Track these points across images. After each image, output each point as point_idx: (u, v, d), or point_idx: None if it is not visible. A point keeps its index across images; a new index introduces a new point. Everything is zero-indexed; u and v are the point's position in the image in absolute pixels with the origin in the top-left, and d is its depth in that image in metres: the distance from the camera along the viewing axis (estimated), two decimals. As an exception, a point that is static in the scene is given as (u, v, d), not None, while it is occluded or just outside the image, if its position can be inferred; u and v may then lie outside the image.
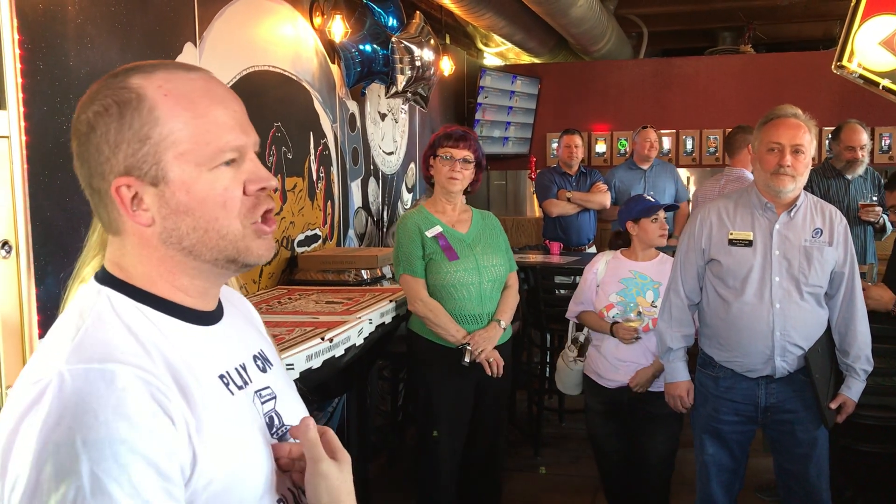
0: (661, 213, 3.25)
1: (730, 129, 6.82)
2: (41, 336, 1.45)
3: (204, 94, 0.93)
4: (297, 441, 0.99)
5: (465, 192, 3.21)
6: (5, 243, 1.43)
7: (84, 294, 0.94)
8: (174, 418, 0.85)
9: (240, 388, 0.98)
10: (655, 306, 3.15)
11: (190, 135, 0.90)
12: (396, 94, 4.52)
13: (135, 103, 0.89)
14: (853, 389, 2.69)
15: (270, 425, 1.01)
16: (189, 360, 0.92)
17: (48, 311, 1.70)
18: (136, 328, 0.90)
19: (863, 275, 3.17)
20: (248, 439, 0.96)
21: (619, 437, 3.31)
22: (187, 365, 0.91)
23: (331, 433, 1.02)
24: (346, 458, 1.00)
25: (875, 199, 4.41)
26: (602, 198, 5.44)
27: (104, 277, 0.94)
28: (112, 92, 0.89)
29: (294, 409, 1.08)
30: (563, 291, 4.67)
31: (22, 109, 1.48)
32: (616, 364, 3.22)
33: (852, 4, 4.00)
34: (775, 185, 2.60)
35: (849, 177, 4.40)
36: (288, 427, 1.04)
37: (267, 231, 0.96)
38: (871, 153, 6.31)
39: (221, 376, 0.96)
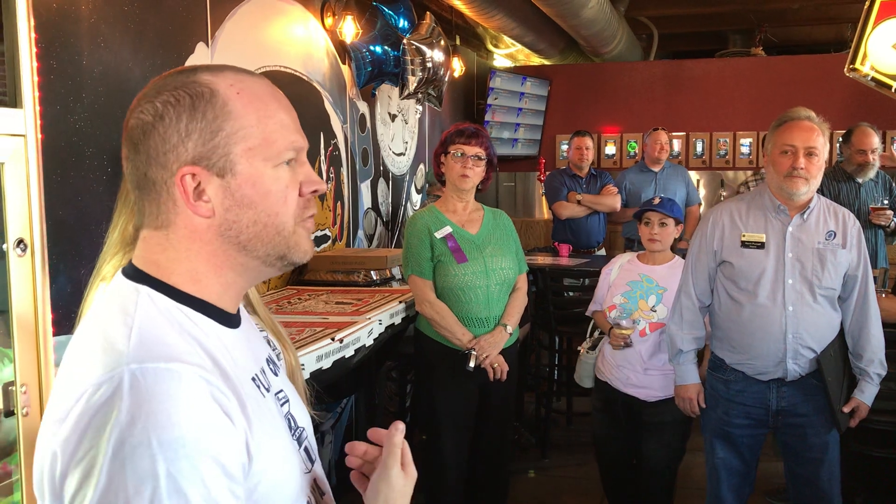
0: (656, 218, 3.22)
1: (740, 132, 6.86)
2: (55, 334, 1.45)
3: (271, 97, 0.96)
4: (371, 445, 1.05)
5: (476, 190, 3.20)
6: (20, 241, 1.43)
7: (120, 291, 0.92)
8: (233, 419, 0.85)
9: (267, 390, 0.99)
10: (654, 311, 3.15)
11: (259, 132, 0.93)
12: (409, 96, 4.52)
13: (208, 96, 0.91)
14: (866, 393, 2.68)
15: (289, 427, 1.02)
16: (231, 362, 0.92)
17: (61, 309, 1.70)
18: (185, 328, 0.89)
19: (874, 279, 3.16)
20: (284, 441, 0.97)
21: (620, 438, 3.31)
22: (231, 366, 0.92)
23: (407, 446, 1.04)
24: (413, 473, 1.04)
25: (886, 202, 4.39)
26: (612, 200, 5.42)
27: (137, 275, 0.93)
28: (182, 85, 0.91)
29: (301, 411, 1.09)
30: (571, 294, 4.67)
31: (37, 108, 1.49)
32: (612, 363, 3.24)
33: (865, 7, 3.98)
34: (788, 188, 2.59)
35: (860, 180, 4.38)
36: (302, 429, 1.05)
37: (311, 230, 1.00)
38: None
39: (253, 378, 0.97)
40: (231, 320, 0.97)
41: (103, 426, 0.78)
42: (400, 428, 1.02)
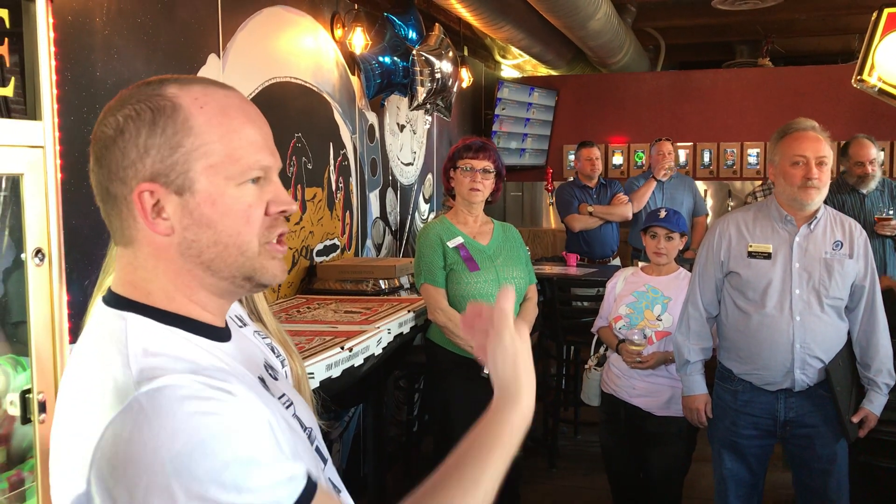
0: (662, 232, 3.24)
1: (748, 142, 6.87)
2: (72, 342, 1.47)
3: (238, 111, 0.94)
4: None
5: (486, 203, 3.22)
6: (39, 251, 1.45)
7: (106, 322, 0.92)
8: (259, 397, 0.87)
9: (271, 396, 1.00)
10: (660, 320, 3.16)
11: (222, 148, 0.90)
12: (418, 107, 4.55)
13: (169, 111, 0.89)
14: (875, 403, 2.68)
15: (300, 427, 1.03)
16: (226, 371, 0.92)
17: (75, 317, 1.72)
18: (174, 352, 0.89)
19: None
20: (297, 441, 0.98)
21: (626, 449, 3.32)
22: (239, 371, 0.93)
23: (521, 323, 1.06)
24: (525, 335, 1.05)
25: (892, 212, 4.38)
26: (624, 210, 5.42)
27: (118, 301, 0.92)
28: (146, 98, 0.89)
29: (307, 413, 1.10)
30: (582, 304, 4.67)
31: (56, 120, 1.51)
32: (617, 374, 3.25)
33: (873, 18, 4.00)
34: (802, 199, 2.59)
35: (863, 191, 4.38)
36: (310, 429, 1.07)
37: (280, 252, 0.97)
38: (890, 167, 6.29)
39: (260, 380, 0.98)
40: (220, 334, 0.97)
41: (151, 452, 0.78)
42: (510, 295, 1.04)
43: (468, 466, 0.95)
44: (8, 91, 1.45)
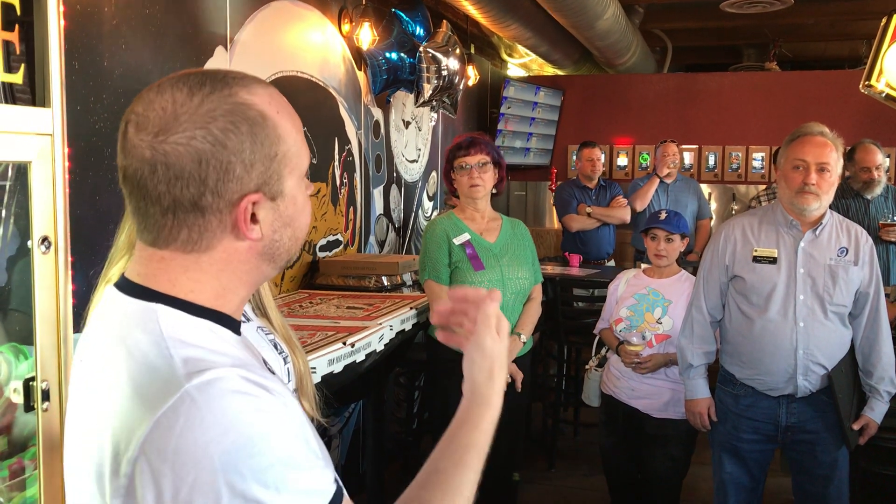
0: (662, 234, 3.24)
1: (753, 146, 6.85)
2: (76, 331, 1.46)
3: (292, 110, 0.96)
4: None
5: (493, 195, 3.21)
6: (45, 239, 1.45)
7: (130, 312, 0.91)
8: (287, 403, 0.88)
9: None
10: (660, 323, 3.16)
11: (296, 150, 0.94)
12: (424, 103, 4.54)
13: (261, 121, 0.90)
14: (876, 411, 2.67)
15: None
16: (254, 363, 0.93)
17: (81, 307, 1.72)
18: (209, 338, 0.89)
19: (886, 296, 3.14)
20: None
21: (624, 450, 3.32)
22: (257, 366, 0.93)
23: (502, 317, 1.09)
24: (506, 337, 1.09)
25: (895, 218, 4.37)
26: (622, 213, 5.42)
27: (143, 291, 0.91)
28: (234, 109, 0.88)
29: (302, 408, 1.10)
30: (581, 304, 4.67)
31: (64, 108, 1.51)
32: (617, 375, 3.25)
33: (882, 24, 3.99)
34: (799, 204, 2.59)
35: (868, 197, 4.37)
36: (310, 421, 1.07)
37: None
38: (896, 173, 6.27)
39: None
40: (237, 327, 0.98)
41: (201, 448, 0.79)
42: (496, 297, 1.07)
43: (450, 471, 0.98)
44: (17, 78, 1.45)
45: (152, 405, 0.82)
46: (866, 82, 3.99)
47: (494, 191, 3.19)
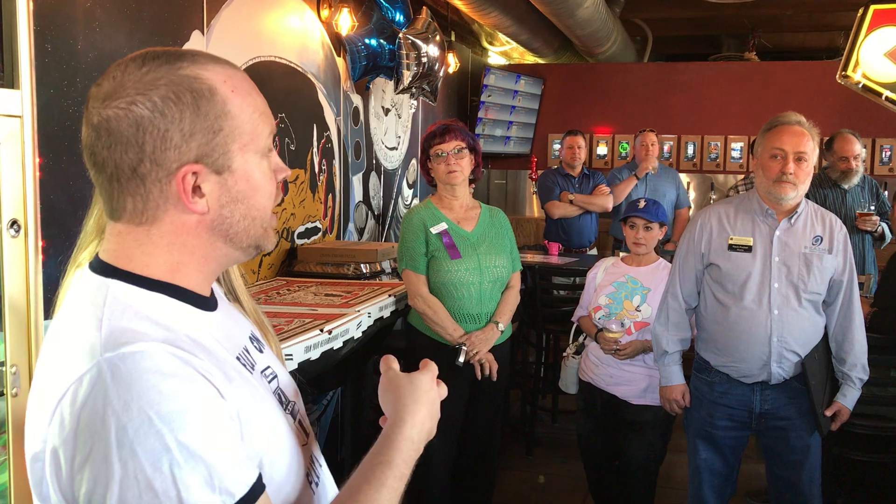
0: (640, 222, 3.25)
1: (732, 136, 6.90)
2: (46, 318, 1.45)
3: (252, 87, 0.97)
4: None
5: (471, 181, 3.21)
6: (14, 222, 1.43)
7: (89, 287, 0.92)
8: (221, 391, 0.86)
9: (252, 367, 1.00)
10: (639, 311, 3.18)
11: (251, 127, 0.94)
12: (404, 90, 4.52)
13: (208, 95, 0.90)
14: (848, 397, 2.70)
15: (280, 402, 1.03)
16: (212, 342, 0.93)
17: (49, 292, 1.70)
18: (156, 315, 0.89)
19: (861, 285, 3.18)
20: (275, 418, 0.98)
21: (602, 437, 3.34)
22: (214, 346, 0.92)
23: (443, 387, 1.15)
24: (444, 393, 1.14)
25: (873, 208, 4.42)
26: (605, 201, 5.43)
27: (106, 269, 0.92)
28: (181, 80, 0.89)
29: (291, 387, 1.10)
30: (560, 292, 4.68)
31: (34, 91, 1.48)
32: (594, 363, 3.27)
33: (859, 15, 4.02)
34: (777, 193, 2.60)
35: (845, 186, 4.42)
36: (294, 403, 1.08)
37: (275, 220, 1.02)
38: (871, 164, 6.34)
39: (238, 357, 0.97)
40: (206, 304, 0.98)
41: (99, 418, 0.78)
42: (389, 359, 1.14)
43: (364, 490, 0.97)
44: (-16, 58, 1.42)
45: (68, 376, 0.82)
46: (843, 73, 4.02)
47: (472, 177, 3.19)
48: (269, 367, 1.05)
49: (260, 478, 0.87)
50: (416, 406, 1.07)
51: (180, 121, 0.89)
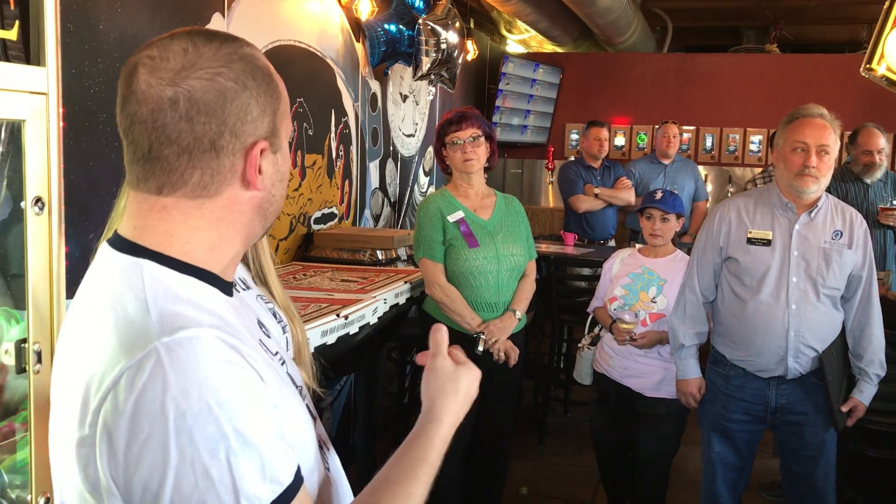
0: (657, 213, 3.23)
1: (751, 129, 6.84)
2: (68, 297, 1.46)
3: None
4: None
5: (486, 169, 3.20)
6: (38, 200, 1.44)
7: (119, 266, 0.91)
8: (263, 378, 0.87)
9: (268, 352, 1.00)
10: (655, 302, 3.17)
11: (287, 112, 0.99)
12: (422, 77, 4.51)
13: (269, 75, 0.94)
14: (865, 393, 2.69)
15: (293, 385, 1.04)
16: (242, 328, 0.93)
17: (70, 272, 1.71)
18: (196, 300, 0.89)
19: (881, 280, 3.15)
20: (296, 404, 0.99)
21: (616, 429, 3.34)
22: (244, 331, 0.93)
23: (458, 349, 1.13)
24: (470, 365, 1.11)
25: (895, 203, 4.38)
26: (628, 194, 5.39)
27: (132, 247, 0.91)
28: (250, 58, 0.92)
29: (294, 371, 1.10)
30: (577, 283, 4.67)
31: (60, 68, 1.49)
32: (609, 354, 3.26)
33: (885, 7, 3.96)
34: (799, 186, 2.58)
35: (867, 181, 4.38)
36: (301, 387, 1.08)
37: None
38: (894, 159, 6.27)
39: (259, 341, 0.98)
40: (229, 289, 0.98)
41: (158, 404, 0.78)
42: (441, 329, 1.12)
43: (401, 481, 0.98)
44: (11, 35, 1.43)
45: (120, 358, 0.81)
46: (867, 66, 3.97)
47: (487, 164, 3.18)
48: (277, 352, 1.05)
49: (299, 467, 0.88)
50: (456, 405, 1.08)
51: (258, 95, 0.92)
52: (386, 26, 4.32)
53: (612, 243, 5.55)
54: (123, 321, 0.85)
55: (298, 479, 0.86)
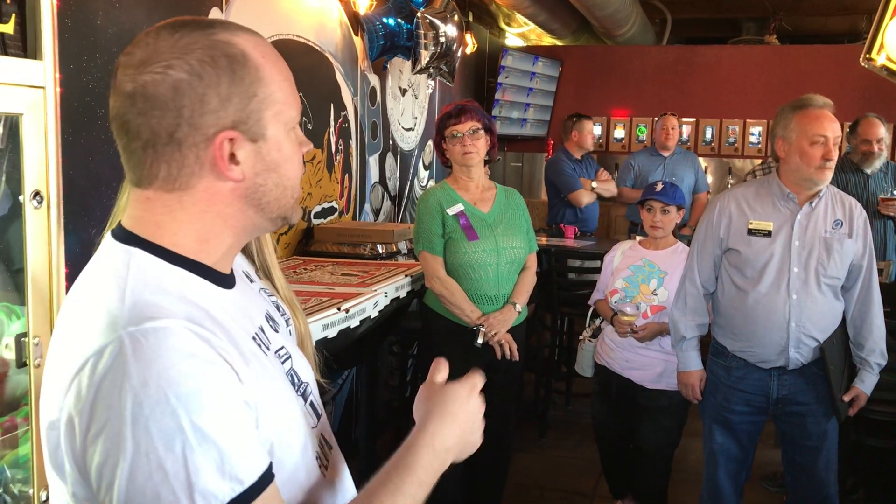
0: (658, 205, 3.23)
1: (751, 120, 6.83)
2: (68, 290, 1.46)
3: (279, 57, 0.98)
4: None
5: (486, 162, 3.19)
6: (37, 194, 1.43)
7: (110, 254, 0.92)
8: (239, 374, 0.86)
9: (268, 348, 0.99)
10: (656, 294, 3.17)
11: (281, 97, 0.94)
12: (421, 70, 4.49)
13: (242, 60, 0.90)
14: (866, 383, 2.69)
15: (293, 384, 1.03)
16: (230, 321, 0.92)
17: (69, 267, 1.71)
18: (178, 289, 0.89)
19: (880, 271, 3.15)
20: (287, 401, 0.98)
21: (617, 421, 3.34)
22: (231, 325, 0.92)
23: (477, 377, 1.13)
24: (481, 406, 1.11)
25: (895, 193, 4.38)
26: (614, 186, 5.50)
27: (129, 237, 0.92)
28: (215, 45, 0.89)
29: (304, 367, 1.10)
30: (576, 276, 4.67)
31: (57, 62, 1.48)
32: (611, 346, 3.26)
33: (884, -3, 3.95)
34: (819, 179, 2.57)
35: (867, 171, 4.38)
36: (306, 384, 1.07)
37: (300, 193, 1.02)
38: (894, 149, 6.27)
39: (254, 337, 0.97)
40: (226, 281, 0.97)
41: (116, 392, 0.78)
42: (474, 377, 1.12)
43: (382, 493, 0.96)
44: (8, 28, 1.42)
45: (89, 345, 0.82)
46: (867, 55, 3.96)
47: (487, 157, 3.17)
48: (283, 346, 1.04)
49: (270, 466, 0.86)
50: (443, 416, 1.05)
51: (217, 84, 0.89)
52: (384, 20, 4.31)
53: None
54: (99, 309, 0.85)
55: (266, 479, 0.85)
